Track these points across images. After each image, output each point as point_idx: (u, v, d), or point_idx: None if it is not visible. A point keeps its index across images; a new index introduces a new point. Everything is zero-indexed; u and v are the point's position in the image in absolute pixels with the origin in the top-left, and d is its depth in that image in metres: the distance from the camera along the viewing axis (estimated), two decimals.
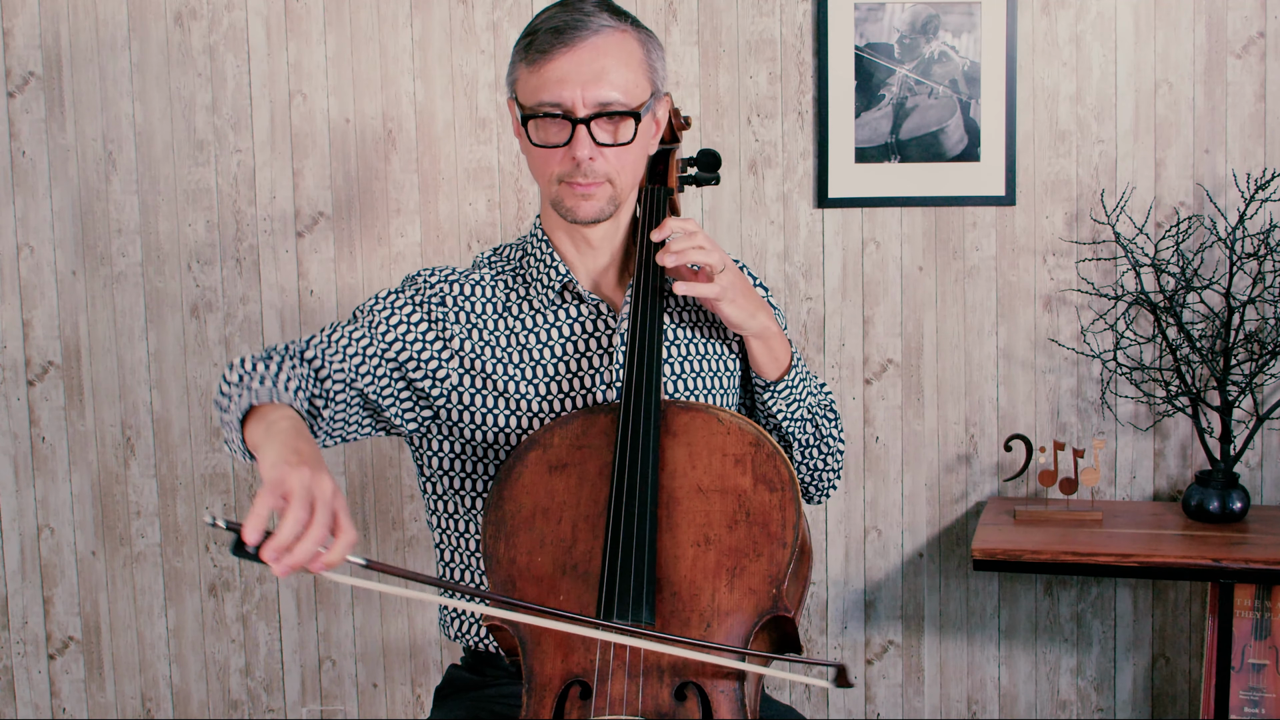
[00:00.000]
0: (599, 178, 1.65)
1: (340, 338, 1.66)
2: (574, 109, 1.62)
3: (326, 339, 1.65)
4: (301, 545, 1.29)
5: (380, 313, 1.70)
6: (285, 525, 1.29)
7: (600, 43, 1.62)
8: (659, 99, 1.70)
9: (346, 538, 1.33)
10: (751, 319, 1.69)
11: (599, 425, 1.63)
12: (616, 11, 1.66)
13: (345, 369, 1.63)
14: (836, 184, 2.82)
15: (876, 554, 2.92)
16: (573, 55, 1.61)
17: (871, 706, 2.96)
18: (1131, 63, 2.78)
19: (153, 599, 2.97)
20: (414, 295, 1.72)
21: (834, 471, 1.86)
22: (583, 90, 1.61)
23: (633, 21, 1.67)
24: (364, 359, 1.65)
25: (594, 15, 1.63)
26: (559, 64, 1.61)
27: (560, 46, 1.61)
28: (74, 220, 2.89)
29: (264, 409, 1.51)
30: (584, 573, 1.53)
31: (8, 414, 2.93)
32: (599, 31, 1.62)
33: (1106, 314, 2.80)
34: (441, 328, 1.71)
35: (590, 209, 1.67)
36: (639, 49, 1.66)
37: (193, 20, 2.84)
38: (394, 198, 2.87)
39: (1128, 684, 2.89)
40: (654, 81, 1.68)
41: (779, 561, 1.52)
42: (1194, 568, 2.46)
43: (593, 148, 1.63)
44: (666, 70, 1.72)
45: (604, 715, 1.45)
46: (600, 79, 1.61)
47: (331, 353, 1.63)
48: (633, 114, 1.64)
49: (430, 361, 1.70)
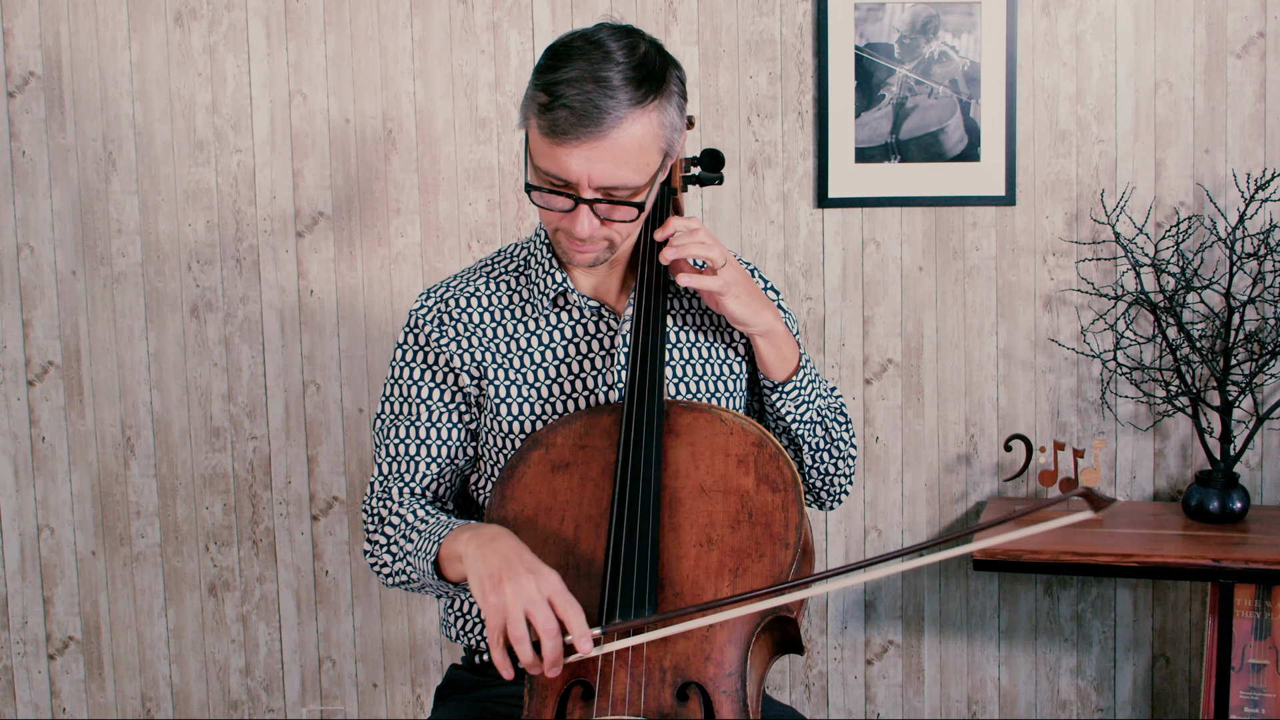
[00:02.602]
0: (598, 241, 1.64)
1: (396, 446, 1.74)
2: (579, 188, 1.57)
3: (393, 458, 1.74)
4: (546, 649, 1.44)
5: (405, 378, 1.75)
6: (521, 656, 1.44)
7: (618, 136, 1.54)
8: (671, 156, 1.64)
9: (572, 618, 1.45)
10: (756, 315, 1.68)
11: (602, 425, 1.63)
12: (642, 80, 1.56)
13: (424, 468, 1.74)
14: (836, 184, 2.82)
15: (876, 554, 2.92)
16: (587, 148, 1.54)
17: (871, 706, 2.96)
18: (1131, 63, 2.78)
19: (153, 599, 2.97)
20: (416, 339, 1.75)
21: (846, 476, 1.85)
22: (589, 172, 1.56)
23: (656, 84, 1.57)
24: (426, 445, 1.74)
25: (615, 97, 1.53)
26: (573, 151, 1.54)
27: (574, 138, 1.53)
28: (74, 220, 2.89)
29: (441, 552, 1.61)
30: (586, 572, 1.53)
31: (8, 414, 2.93)
32: (618, 124, 1.54)
33: (1106, 314, 2.81)
34: (447, 355, 1.73)
35: (587, 259, 1.67)
36: (656, 124, 1.57)
37: (193, 20, 2.84)
38: (394, 198, 2.87)
39: (1128, 684, 2.89)
40: (667, 148, 1.62)
41: (781, 562, 1.52)
42: (1194, 568, 2.46)
43: (593, 224, 1.60)
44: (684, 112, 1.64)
45: (606, 715, 1.45)
46: (610, 170, 1.56)
47: (405, 469, 1.74)
48: (637, 204, 1.60)
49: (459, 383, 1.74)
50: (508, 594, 1.44)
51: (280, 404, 2.92)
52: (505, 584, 1.45)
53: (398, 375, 1.76)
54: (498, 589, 1.45)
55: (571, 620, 1.44)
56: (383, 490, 1.74)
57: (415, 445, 1.73)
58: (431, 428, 1.73)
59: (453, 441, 1.74)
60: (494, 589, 1.45)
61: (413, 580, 1.66)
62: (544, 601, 1.44)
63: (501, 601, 1.44)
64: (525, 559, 1.48)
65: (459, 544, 1.57)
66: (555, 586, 1.45)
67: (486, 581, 1.47)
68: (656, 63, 1.59)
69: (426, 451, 1.73)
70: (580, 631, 1.43)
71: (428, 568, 1.61)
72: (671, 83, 1.60)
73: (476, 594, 1.49)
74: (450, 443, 1.73)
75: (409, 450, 1.73)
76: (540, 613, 1.43)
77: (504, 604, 1.44)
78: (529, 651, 1.43)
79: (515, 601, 1.44)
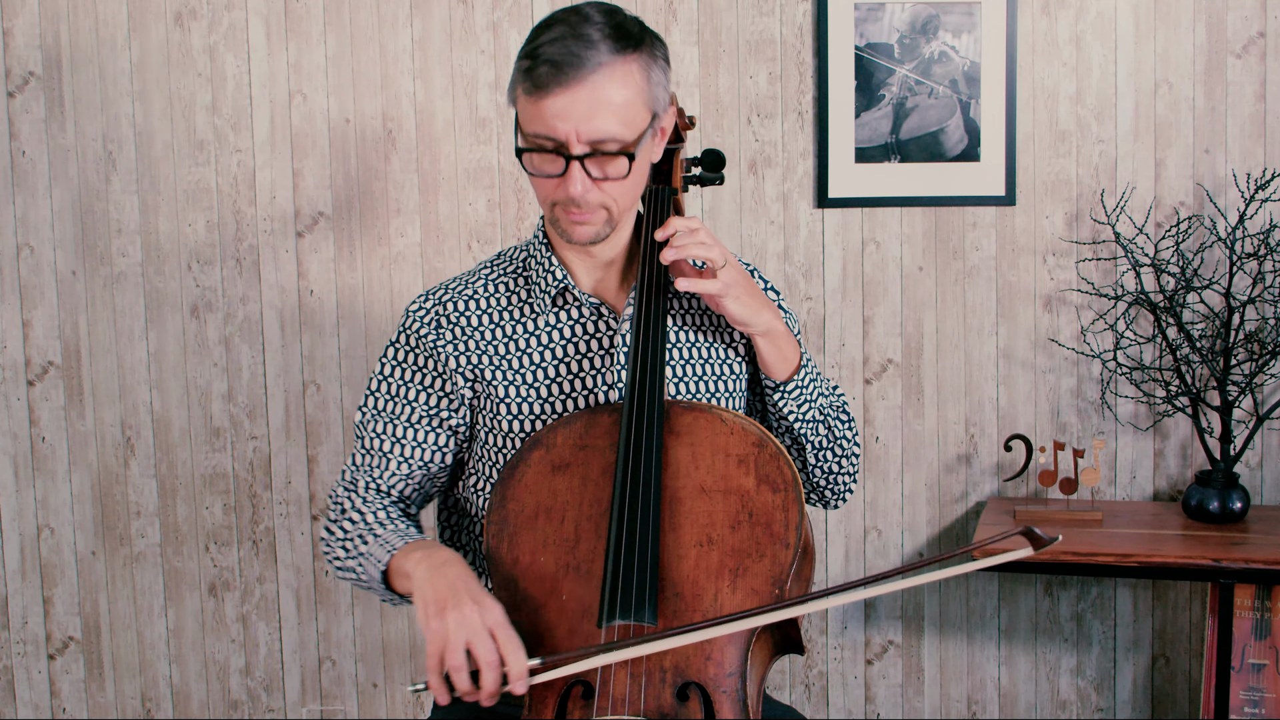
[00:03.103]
0: (594, 207, 1.63)
1: (372, 441, 1.75)
2: (568, 145, 1.58)
3: (364, 451, 1.75)
4: (484, 680, 1.44)
5: (391, 376, 1.76)
6: (456, 680, 1.44)
7: (599, 81, 1.56)
8: (660, 117, 1.65)
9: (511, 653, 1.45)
10: (756, 316, 1.68)
11: (602, 425, 1.62)
12: (621, 35, 1.59)
13: (395, 468, 1.74)
14: (836, 184, 2.82)
15: (876, 554, 2.92)
16: (569, 95, 1.55)
17: (871, 706, 2.96)
18: (1131, 63, 2.78)
19: (153, 599, 2.97)
20: (409, 340, 1.75)
21: (849, 475, 1.85)
22: (577, 126, 1.56)
23: (635, 42, 1.60)
24: (403, 445, 1.74)
25: (595, 48, 1.56)
26: (555, 101, 1.56)
27: (557, 86, 1.55)
28: (74, 220, 2.89)
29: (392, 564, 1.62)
30: (586, 572, 1.53)
31: (8, 414, 2.93)
32: (598, 69, 1.55)
33: (1106, 314, 2.81)
34: (441, 356, 1.73)
35: (586, 233, 1.66)
36: (639, 77, 1.59)
37: (193, 20, 2.84)
38: (394, 198, 2.87)
39: (1128, 684, 2.89)
40: (656, 105, 1.63)
41: (782, 562, 1.52)
42: (1194, 568, 2.46)
43: (586, 184, 1.60)
44: (669, 81, 1.66)
45: (606, 715, 1.45)
46: (595, 118, 1.57)
47: (376, 464, 1.74)
48: (627, 153, 1.60)
49: (450, 389, 1.73)
50: (450, 622, 1.45)
51: (280, 404, 2.92)
52: (449, 612, 1.46)
53: (386, 373, 1.76)
54: (440, 615, 1.46)
55: (510, 655, 1.44)
56: (351, 480, 1.75)
57: (390, 443, 1.73)
58: (409, 428, 1.73)
59: (428, 445, 1.73)
60: (437, 615, 1.46)
61: (361, 581, 1.67)
62: (486, 633, 1.45)
63: (444, 629, 1.45)
64: (471, 588, 1.49)
65: (409, 562, 1.58)
66: (498, 619, 1.46)
67: (431, 606, 1.48)
68: (637, 27, 1.62)
69: (400, 451, 1.73)
70: (518, 671, 1.44)
71: (377, 575, 1.63)
72: (653, 46, 1.63)
73: (420, 617, 1.49)
74: (425, 446, 1.73)
75: (383, 446, 1.74)
76: (481, 644, 1.44)
77: (445, 632, 1.45)
78: (465, 681, 1.44)
79: (457, 630, 1.44)
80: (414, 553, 1.59)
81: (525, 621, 1.52)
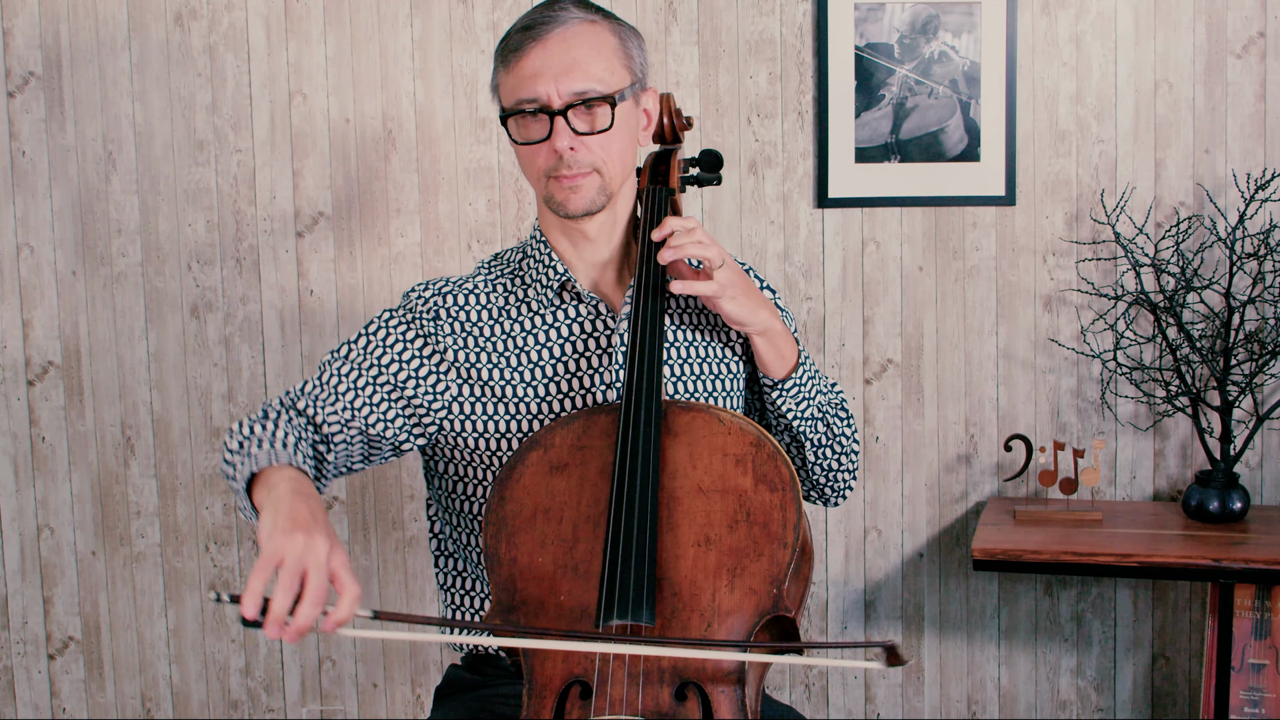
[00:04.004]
0: (584, 168, 1.66)
1: (331, 377, 1.70)
2: (550, 101, 1.64)
3: (319, 382, 1.70)
4: (301, 611, 1.35)
5: (376, 335, 1.73)
6: (276, 597, 1.34)
7: (569, 34, 1.64)
8: (642, 88, 1.72)
9: (349, 594, 1.39)
10: (753, 315, 1.68)
11: (599, 425, 1.62)
12: (589, 6, 1.69)
13: (339, 409, 1.68)
14: (836, 184, 2.82)
15: (876, 554, 2.92)
16: (543, 49, 1.64)
17: (871, 706, 2.96)
18: (1131, 63, 2.78)
19: (153, 599, 2.97)
20: (406, 314, 1.74)
21: (849, 472, 1.86)
22: (556, 82, 1.63)
23: (606, 14, 1.69)
24: (357, 393, 1.69)
25: (564, 10, 1.66)
26: (530, 59, 1.64)
27: (530, 42, 1.64)
28: (74, 220, 2.89)
29: (266, 473, 1.55)
30: (585, 572, 1.53)
31: (8, 414, 2.93)
32: (568, 24, 1.65)
33: (1106, 314, 2.81)
34: (436, 341, 1.72)
35: (580, 201, 1.68)
36: (611, 38, 1.68)
37: (193, 20, 2.84)
38: (394, 198, 2.87)
39: (1128, 684, 2.89)
40: (633, 70, 1.70)
41: (780, 562, 1.52)
42: (1194, 568, 2.46)
43: (572, 137, 1.64)
44: (646, 57, 1.73)
45: (604, 715, 1.45)
46: (572, 69, 1.64)
47: (325, 396, 1.69)
48: (608, 99, 1.65)
49: (429, 377, 1.72)
50: (299, 543, 1.37)
51: None
52: (299, 533, 1.38)
53: (372, 330, 1.73)
54: (290, 533, 1.38)
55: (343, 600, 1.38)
56: (291, 399, 1.69)
57: (346, 385, 1.69)
58: (369, 385, 1.70)
59: (377, 410, 1.69)
60: (286, 532, 1.39)
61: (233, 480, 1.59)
62: (326, 569, 1.38)
63: (290, 547, 1.37)
64: (328, 528, 1.43)
65: (280, 477, 1.52)
66: (344, 562, 1.40)
67: (283, 521, 1.40)
68: (610, 12, 1.72)
69: (350, 399, 1.68)
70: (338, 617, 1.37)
71: (247, 475, 1.56)
72: (626, 27, 1.71)
73: (264, 530, 1.41)
74: (374, 409, 1.69)
75: (338, 387, 1.69)
76: (317, 577, 1.36)
77: (291, 551, 1.37)
78: (286, 603, 1.35)
79: (302, 554, 1.37)
80: (289, 472, 1.53)
81: (523, 621, 1.53)
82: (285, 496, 1.47)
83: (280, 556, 1.37)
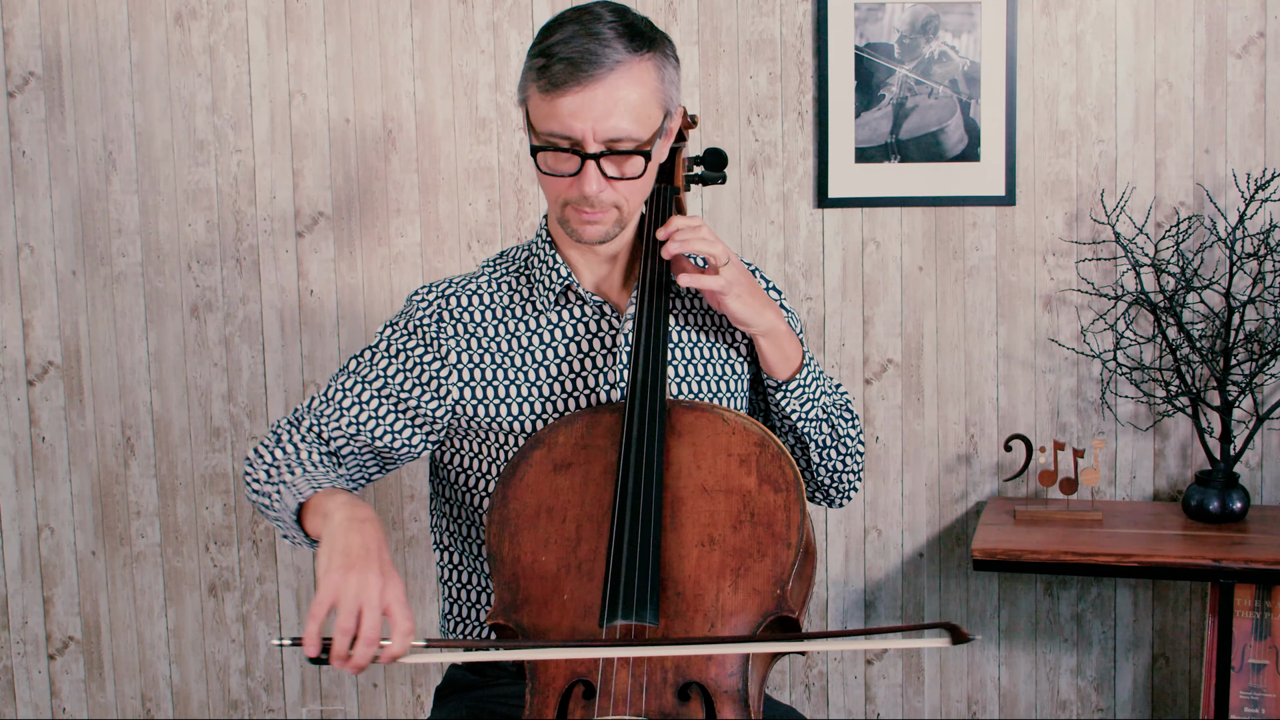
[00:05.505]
0: (606, 206, 1.64)
1: (336, 393, 1.73)
2: (584, 143, 1.59)
3: (325, 398, 1.73)
4: (358, 651, 1.41)
5: (379, 347, 1.75)
6: (335, 638, 1.41)
7: (615, 80, 1.57)
8: (672, 117, 1.67)
9: (400, 630, 1.44)
10: (758, 316, 1.68)
11: (604, 424, 1.62)
12: (634, 35, 1.60)
13: (344, 425, 1.71)
14: (836, 184, 2.82)
15: (876, 554, 2.92)
16: (586, 94, 1.56)
17: (871, 706, 2.96)
18: (1131, 63, 2.78)
19: (153, 599, 2.97)
20: (407, 324, 1.75)
21: (854, 473, 1.85)
22: (594, 126, 1.57)
23: (649, 42, 1.61)
24: (361, 407, 1.72)
25: (611, 46, 1.57)
26: (571, 100, 1.57)
27: (574, 83, 1.56)
28: (74, 220, 2.89)
29: (316, 500, 1.58)
30: (588, 572, 1.53)
31: (8, 414, 2.93)
32: (614, 68, 1.57)
33: (1106, 314, 2.81)
34: (437, 345, 1.72)
35: (596, 233, 1.67)
36: (654, 77, 1.61)
37: (193, 20, 2.84)
38: (394, 198, 2.87)
39: (1128, 684, 2.89)
40: (666, 104, 1.64)
41: (783, 562, 1.52)
42: (1194, 568, 2.46)
43: (601, 182, 1.61)
44: (680, 80, 1.67)
45: (607, 715, 1.45)
46: (611, 117, 1.58)
47: (330, 412, 1.72)
48: (643, 153, 1.61)
49: (432, 382, 1.72)
50: (353, 583, 1.43)
51: (280, 404, 2.92)
52: (354, 572, 1.43)
53: (376, 344, 1.75)
54: (345, 571, 1.43)
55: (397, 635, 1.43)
56: (297, 418, 1.73)
57: (351, 400, 1.71)
58: (375, 398, 1.71)
59: (383, 422, 1.71)
60: (341, 570, 1.43)
61: (272, 510, 1.63)
62: (380, 608, 1.43)
63: (345, 586, 1.42)
64: (383, 557, 1.47)
65: (332, 503, 1.54)
66: (398, 596, 1.45)
67: (338, 558, 1.45)
68: (648, 27, 1.63)
69: (356, 413, 1.71)
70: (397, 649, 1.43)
71: (293, 506, 1.59)
72: (665, 46, 1.64)
73: (321, 565, 1.45)
74: (381, 421, 1.71)
75: (343, 402, 1.72)
76: (371, 618, 1.42)
77: (345, 591, 1.42)
78: (344, 644, 1.41)
79: (357, 593, 1.42)
80: (338, 496, 1.56)
81: (527, 621, 1.52)
82: (340, 529, 1.49)
83: (335, 597, 1.42)
